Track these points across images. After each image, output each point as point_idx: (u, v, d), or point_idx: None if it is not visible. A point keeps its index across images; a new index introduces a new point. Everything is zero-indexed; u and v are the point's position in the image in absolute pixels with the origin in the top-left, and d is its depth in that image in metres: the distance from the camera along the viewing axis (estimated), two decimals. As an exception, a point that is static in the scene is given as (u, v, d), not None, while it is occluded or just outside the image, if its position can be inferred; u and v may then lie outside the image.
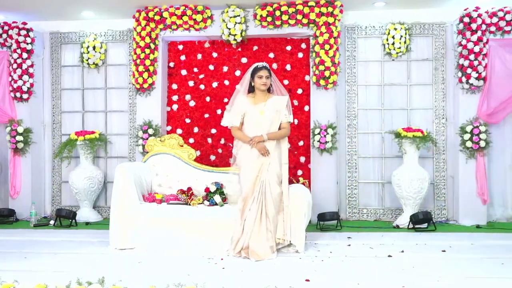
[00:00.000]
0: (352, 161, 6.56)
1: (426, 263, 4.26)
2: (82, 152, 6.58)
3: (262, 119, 4.68)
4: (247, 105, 4.72)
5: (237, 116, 4.73)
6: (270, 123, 4.69)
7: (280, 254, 4.63)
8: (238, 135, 4.75)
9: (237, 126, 4.75)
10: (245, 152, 4.67)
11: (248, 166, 4.63)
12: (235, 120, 4.74)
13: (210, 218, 4.87)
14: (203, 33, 6.56)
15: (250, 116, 4.70)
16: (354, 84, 6.59)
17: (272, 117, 4.70)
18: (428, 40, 6.52)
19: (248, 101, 4.73)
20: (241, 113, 4.72)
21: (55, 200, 7.02)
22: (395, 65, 6.58)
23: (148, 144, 5.84)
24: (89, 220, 6.49)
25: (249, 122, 4.71)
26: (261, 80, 4.68)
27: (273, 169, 4.61)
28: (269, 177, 4.59)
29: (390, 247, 4.87)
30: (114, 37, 6.92)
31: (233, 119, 4.75)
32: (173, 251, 4.72)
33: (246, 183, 4.61)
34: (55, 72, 7.03)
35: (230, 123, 4.77)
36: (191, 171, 5.60)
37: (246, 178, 4.62)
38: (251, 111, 4.70)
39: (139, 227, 4.90)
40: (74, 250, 4.85)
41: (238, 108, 4.73)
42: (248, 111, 4.71)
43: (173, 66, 6.85)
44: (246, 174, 4.63)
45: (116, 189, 4.96)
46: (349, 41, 6.59)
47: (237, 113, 4.73)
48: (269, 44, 6.66)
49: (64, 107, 7.05)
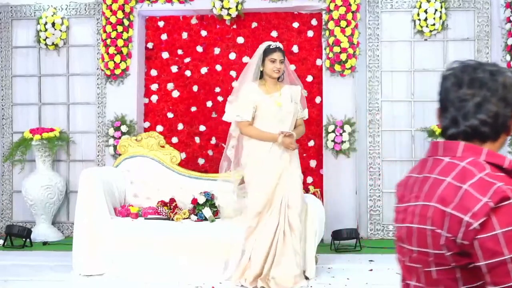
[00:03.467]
0: (375, 165, 6.57)
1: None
2: (38, 155, 6.58)
3: (281, 112, 4.60)
4: (260, 95, 4.60)
5: (249, 108, 4.57)
6: (292, 117, 4.66)
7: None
8: (254, 133, 4.59)
9: (248, 121, 4.61)
10: (261, 154, 4.56)
11: (267, 171, 4.52)
12: (246, 113, 4.57)
13: (199, 236, 4.88)
14: (189, 6, 6.56)
15: (265, 108, 4.60)
16: (378, 70, 6.60)
17: (292, 110, 4.66)
18: (469, 16, 6.53)
19: (260, 90, 4.63)
20: (253, 105, 4.58)
21: (5, 214, 7.01)
22: (428, 46, 6.60)
23: (121, 145, 5.83)
24: (48, 239, 6.48)
25: (265, 117, 4.59)
26: (274, 64, 4.58)
27: (297, 173, 4.59)
28: (294, 184, 4.53)
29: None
30: (79, 11, 6.92)
31: (243, 112, 4.58)
32: (151, 277, 4.72)
33: (262, 193, 4.49)
34: (4, 55, 7.03)
35: (239, 118, 4.60)
36: (174, 178, 5.60)
37: (263, 186, 4.50)
38: (266, 102, 4.59)
39: (109, 248, 4.90)
40: (28, 276, 4.85)
41: (249, 98, 4.59)
42: (262, 102, 4.59)
43: (152, 48, 6.85)
44: (264, 181, 4.51)
45: (80, 200, 4.97)
46: (371, 16, 6.60)
47: (247, 104, 4.57)
48: (271, 20, 6.67)
49: (16, 98, 7.05)
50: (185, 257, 4.81)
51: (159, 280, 4.68)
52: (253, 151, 4.62)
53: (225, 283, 4.60)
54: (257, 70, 4.66)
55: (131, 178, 5.62)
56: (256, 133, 4.59)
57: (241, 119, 4.59)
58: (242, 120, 4.60)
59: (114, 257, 4.88)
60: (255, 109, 4.60)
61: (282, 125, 4.57)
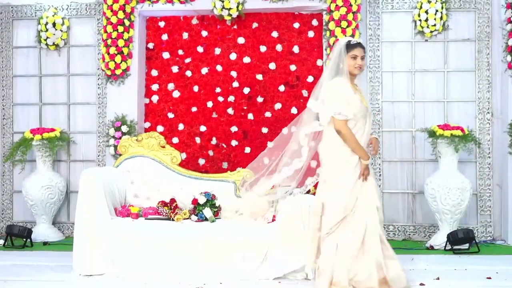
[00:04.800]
0: (375, 166, 6.56)
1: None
2: (39, 155, 6.57)
3: (367, 111, 4.40)
4: (352, 93, 4.34)
5: (348, 105, 4.27)
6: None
7: (286, 281, 4.64)
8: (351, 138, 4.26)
9: (348, 119, 4.28)
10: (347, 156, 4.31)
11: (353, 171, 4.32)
12: (347, 110, 4.26)
13: (199, 236, 4.86)
14: (190, 7, 6.56)
15: (356, 106, 4.32)
16: (378, 71, 6.60)
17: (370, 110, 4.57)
18: (470, 16, 6.52)
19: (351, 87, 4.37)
20: (350, 101, 4.29)
21: (5, 214, 7.01)
22: (428, 47, 6.59)
23: (122, 145, 5.83)
24: (48, 239, 6.48)
25: (354, 115, 4.30)
26: (355, 61, 4.34)
27: (372, 174, 4.46)
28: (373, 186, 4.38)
29: (423, 273, 4.86)
30: (79, 11, 6.92)
31: (344, 109, 4.26)
32: (151, 278, 4.71)
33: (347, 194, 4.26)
34: (5, 55, 7.03)
35: (341, 116, 4.26)
36: (174, 178, 5.59)
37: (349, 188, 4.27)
38: (357, 102, 4.34)
39: (109, 248, 4.89)
40: (28, 276, 4.83)
41: (346, 94, 4.29)
42: (354, 101, 4.32)
43: (152, 48, 6.85)
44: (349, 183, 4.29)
45: (81, 200, 4.95)
46: (371, 16, 6.60)
47: (347, 101, 4.27)
48: (272, 20, 6.66)
49: (17, 98, 7.05)
50: (185, 257, 4.80)
51: (159, 280, 4.67)
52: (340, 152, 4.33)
53: (225, 284, 4.60)
54: (336, 67, 4.39)
55: (131, 178, 5.62)
56: (353, 140, 4.27)
57: (343, 117, 4.27)
58: (343, 119, 4.28)
59: (115, 257, 4.87)
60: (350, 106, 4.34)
61: (367, 125, 4.39)
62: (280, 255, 4.72)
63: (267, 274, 4.73)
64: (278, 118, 6.64)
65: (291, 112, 6.60)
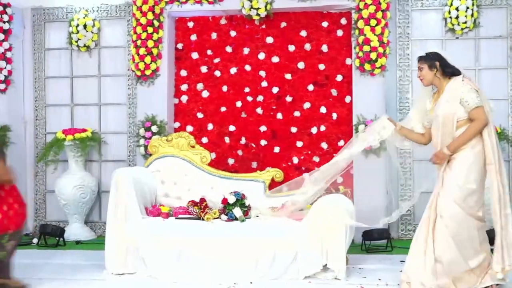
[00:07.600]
0: (406, 165, 6.51)
1: (501, 294, 4.21)
2: (71, 155, 6.66)
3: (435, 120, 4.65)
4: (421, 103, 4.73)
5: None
6: None
7: (316, 280, 4.65)
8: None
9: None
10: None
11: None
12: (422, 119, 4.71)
13: (229, 235, 4.88)
14: (218, 7, 6.57)
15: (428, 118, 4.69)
16: (408, 69, 6.54)
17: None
18: (502, 13, 6.44)
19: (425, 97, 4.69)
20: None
21: (39, 213, 7.12)
22: (459, 45, 6.52)
23: (152, 145, 5.87)
24: (80, 238, 6.56)
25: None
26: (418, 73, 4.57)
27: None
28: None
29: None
30: (110, 13, 6.99)
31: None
32: (182, 277, 4.75)
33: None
34: (38, 57, 7.13)
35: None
36: (204, 178, 5.62)
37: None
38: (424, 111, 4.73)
39: (141, 247, 4.93)
40: (62, 275, 4.90)
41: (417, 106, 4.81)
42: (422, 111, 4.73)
43: (181, 48, 6.88)
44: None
45: (112, 200, 5.00)
46: (401, 14, 6.55)
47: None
48: (300, 19, 6.64)
49: (49, 99, 7.15)
50: (215, 256, 4.81)
51: (189, 280, 4.70)
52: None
53: (256, 283, 4.61)
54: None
55: (161, 178, 5.66)
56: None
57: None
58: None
59: (146, 256, 4.91)
60: None
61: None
62: (310, 255, 4.72)
63: (297, 274, 4.73)
64: (307, 117, 6.61)
65: (320, 112, 6.57)
